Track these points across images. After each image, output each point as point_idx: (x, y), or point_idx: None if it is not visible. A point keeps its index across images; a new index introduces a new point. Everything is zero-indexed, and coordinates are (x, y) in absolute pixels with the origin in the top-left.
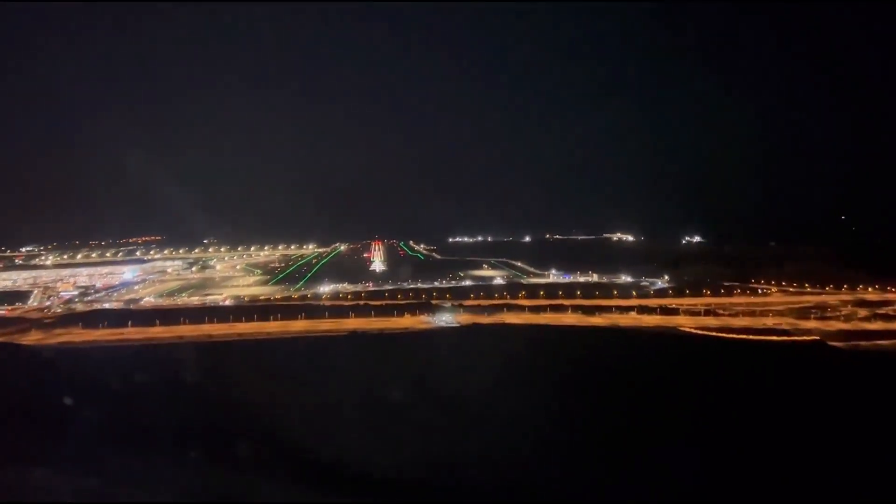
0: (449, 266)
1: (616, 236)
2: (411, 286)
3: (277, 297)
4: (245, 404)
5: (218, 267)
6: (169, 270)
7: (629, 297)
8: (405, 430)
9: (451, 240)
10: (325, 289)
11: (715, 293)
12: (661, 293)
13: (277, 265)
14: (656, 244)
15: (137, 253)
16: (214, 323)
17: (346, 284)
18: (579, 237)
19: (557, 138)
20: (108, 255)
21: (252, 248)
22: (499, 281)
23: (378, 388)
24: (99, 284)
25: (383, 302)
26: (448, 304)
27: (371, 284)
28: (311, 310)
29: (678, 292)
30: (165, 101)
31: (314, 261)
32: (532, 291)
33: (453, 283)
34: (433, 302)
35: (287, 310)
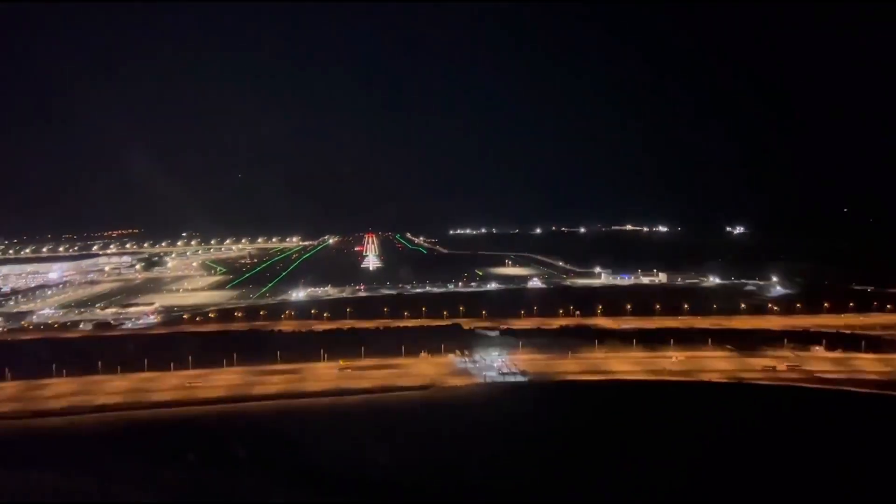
0: (460, 262)
1: (643, 228)
2: (418, 290)
3: (211, 315)
4: None
5: (170, 264)
6: (107, 269)
7: (764, 311)
8: None
9: (451, 232)
10: (299, 295)
11: None
12: (810, 306)
13: (248, 261)
14: (697, 235)
15: (94, 248)
16: (64, 377)
17: (328, 288)
18: (604, 229)
19: (559, 130)
20: (61, 249)
21: (228, 241)
22: (536, 283)
23: None
24: (6, 288)
25: (379, 323)
26: (490, 330)
27: (363, 288)
28: (257, 343)
29: (836, 305)
30: (155, 94)
31: (295, 256)
32: (600, 300)
33: (475, 287)
34: (464, 324)
35: (216, 343)
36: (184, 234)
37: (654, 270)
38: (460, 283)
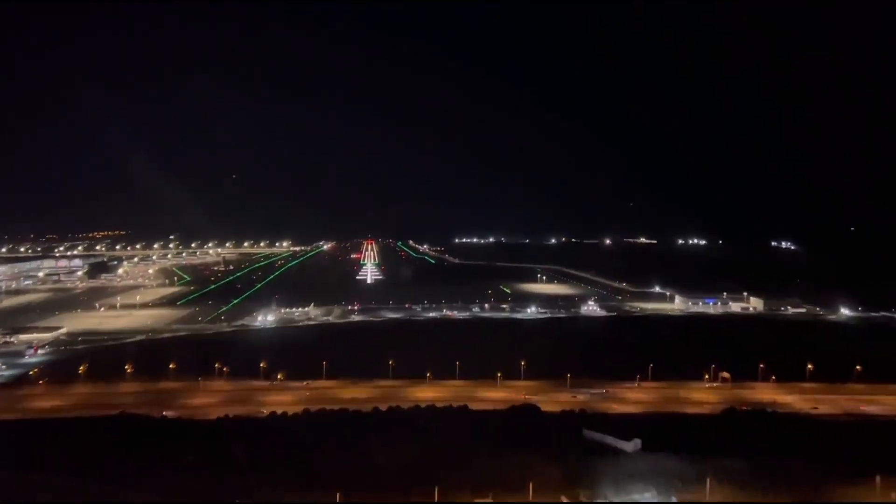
0: (478, 275)
1: (676, 240)
2: (433, 315)
3: (82, 370)
4: None
5: (121, 271)
6: (41, 275)
7: None
8: None
9: (457, 240)
10: (266, 319)
11: None
12: None
13: (221, 268)
14: (741, 251)
15: (59, 250)
16: None
17: (310, 308)
18: (638, 240)
19: (560, 138)
20: (21, 249)
21: (210, 245)
22: (594, 308)
23: None
24: None
25: (378, 392)
26: (612, 436)
27: (357, 308)
28: (105, 454)
29: None
30: (149, 95)
31: (279, 263)
32: (717, 341)
33: (510, 310)
34: (537, 396)
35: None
36: (171, 237)
37: (745, 294)
38: (487, 305)
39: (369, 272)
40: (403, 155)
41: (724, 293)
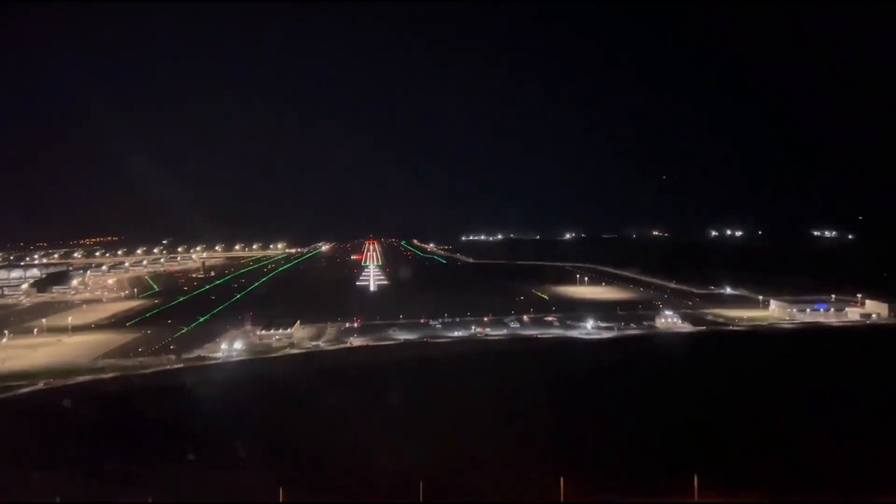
0: (500, 277)
1: (713, 233)
2: (459, 333)
3: None
4: None
5: (75, 283)
6: None
7: None
8: None
9: (464, 238)
10: (234, 346)
11: None
12: None
13: (200, 275)
14: (782, 241)
15: (35, 257)
16: None
17: (294, 329)
18: (655, 233)
19: (557, 136)
20: None
21: (195, 249)
22: (673, 321)
23: None
24: None
25: None
26: None
27: (357, 325)
28: None
29: None
30: (143, 94)
31: (270, 267)
32: None
33: (559, 324)
34: None
35: None
36: (164, 242)
37: (859, 297)
38: (527, 317)
39: (372, 276)
40: (404, 152)
41: (833, 295)
